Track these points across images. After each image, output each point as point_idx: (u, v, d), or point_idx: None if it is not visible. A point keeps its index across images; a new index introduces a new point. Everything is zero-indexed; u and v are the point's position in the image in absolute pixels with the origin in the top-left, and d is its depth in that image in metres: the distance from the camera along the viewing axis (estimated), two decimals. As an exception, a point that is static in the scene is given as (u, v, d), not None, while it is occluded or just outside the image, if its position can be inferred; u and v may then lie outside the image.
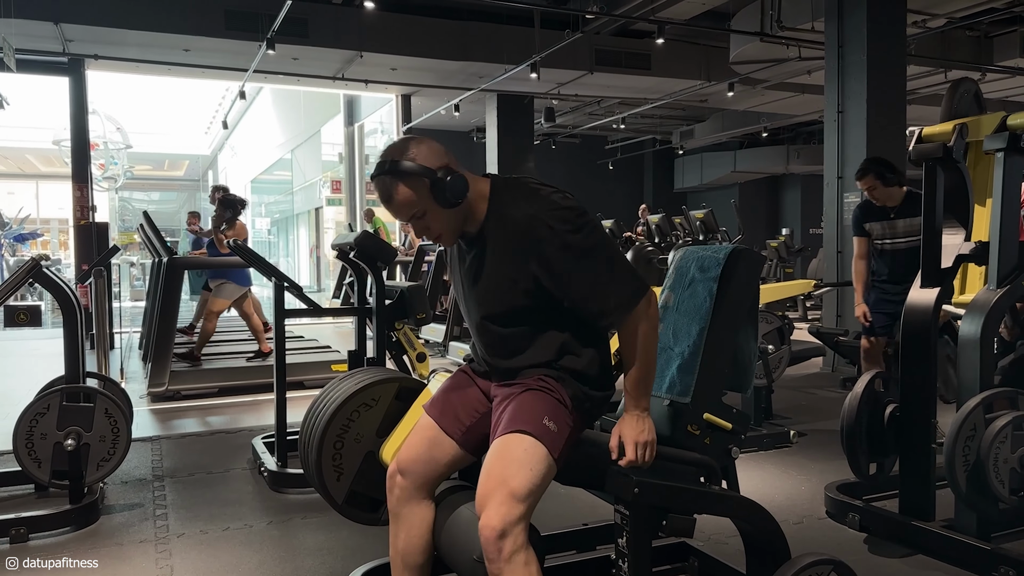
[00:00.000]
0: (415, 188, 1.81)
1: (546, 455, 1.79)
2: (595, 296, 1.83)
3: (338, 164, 18.54)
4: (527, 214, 1.82)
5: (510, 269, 1.86)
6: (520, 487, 1.74)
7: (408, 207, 1.84)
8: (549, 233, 1.80)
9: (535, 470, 1.77)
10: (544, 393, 1.88)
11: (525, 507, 1.74)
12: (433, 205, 1.82)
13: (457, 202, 1.82)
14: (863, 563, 2.81)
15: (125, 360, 7.95)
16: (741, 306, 2.15)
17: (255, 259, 4.03)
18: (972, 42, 10.68)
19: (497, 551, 1.69)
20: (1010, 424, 2.58)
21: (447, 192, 1.80)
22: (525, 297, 1.87)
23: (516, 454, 1.78)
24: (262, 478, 3.85)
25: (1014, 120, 2.83)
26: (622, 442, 1.84)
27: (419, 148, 1.83)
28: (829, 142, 7.22)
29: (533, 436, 1.80)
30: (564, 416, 1.86)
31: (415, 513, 2.01)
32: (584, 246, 1.81)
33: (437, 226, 1.87)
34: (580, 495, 3.24)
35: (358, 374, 2.45)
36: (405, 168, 1.80)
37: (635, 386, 1.87)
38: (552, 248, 1.80)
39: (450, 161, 1.85)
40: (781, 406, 5.36)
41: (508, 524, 1.70)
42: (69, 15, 8.84)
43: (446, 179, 1.80)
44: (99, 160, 26.35)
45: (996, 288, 2.83)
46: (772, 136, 17.80)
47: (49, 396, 3.26)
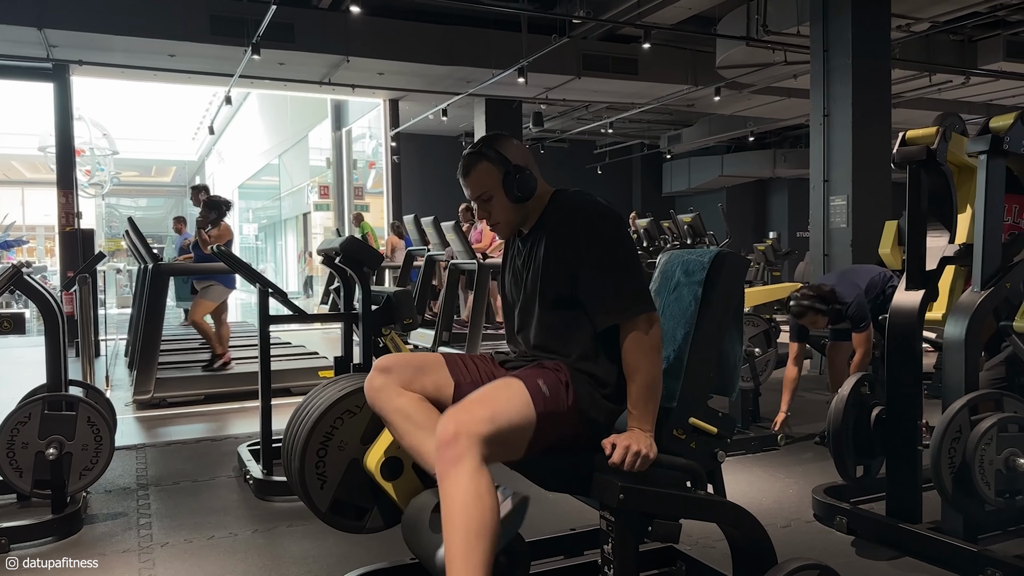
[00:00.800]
0: (490, 173, 2.03)
1: (526, 399, 1.86)
2: (599, 293, 1.93)
3: (326, 169, 18.49)
4: (570, 211, 2.01)
5: (552, 261, 2.01)
6: (487, 410, 1.81)
7: (479, 186, 2.04)
8: (581, 227, 1.97)
9: (510, 403, 1.84)
10: (551, 371, 1.96)
11: (487, 428, 1.77)
12: (500, 193, 2.02)
13: (522, 198, 2.02)
14: (850, 566, 2.81)
15: (111, 367, 7.88)
16: (726, 309, 2.14)
17: (239, 265, 4.00)
18: (956, 46, 10.76)
19: (447, 451, 1.74)
20: (995, 426, 2.59)
21: (515, 186, 2.01)
22: (563, 289, 1.99)
23: (498, 388, 1.89)
24: (248, 486, 3.81)
25: (997, 123, 2.84)
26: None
27: (508, 143, 2.07)
28: (815, 146, 7.26)
29: (523, 384, 1.89)
30: (560, 393, 1.92)
31: (400, 396, 1.98)
32: (605, 246, 1.94)
33: (498, 214, 2.07)
34: (568, 501, 3.23)
35: (342, 380, 2.42)
36: (490, 153, 2.02)
37: (634, 404, 1.91)
38: (580, 239, 1.95)
39: (529, 165, 2.06)
40: (769, 409, 5.36)
41: (461, 431, 1.75)
42: (53, 20, 8.77)
43: (518, 176, 2.00)
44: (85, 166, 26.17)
45: (980, 290, 2.84)
46: (759, 140, 17.88)
47: (31, 404, 3.22)
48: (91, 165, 26.71)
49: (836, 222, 7.05)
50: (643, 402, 1.89)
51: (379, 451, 2.20)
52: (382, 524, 2.33)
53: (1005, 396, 2.72)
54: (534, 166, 2.07)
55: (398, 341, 4.18)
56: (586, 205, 2.01)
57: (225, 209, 6.47)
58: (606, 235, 1.96)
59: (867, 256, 6.71)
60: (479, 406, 1.83)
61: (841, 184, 6.99)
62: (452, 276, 7.97)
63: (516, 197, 2.02)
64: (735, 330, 2.23)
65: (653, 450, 1.85)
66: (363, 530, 2.31)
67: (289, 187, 24.31)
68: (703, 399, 2.10)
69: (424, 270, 8.78)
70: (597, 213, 1.98)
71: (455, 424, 1.77)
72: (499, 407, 1.83)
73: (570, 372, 1.97)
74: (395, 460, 2.19)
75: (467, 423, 1.77)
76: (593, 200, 2.04)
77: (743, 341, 4.44)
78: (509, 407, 1.84)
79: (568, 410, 1.92)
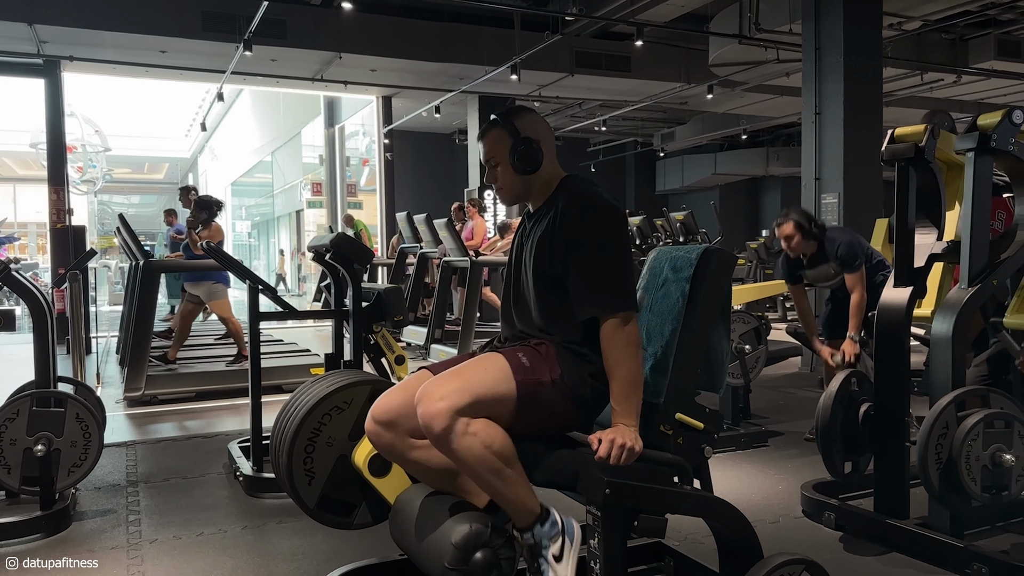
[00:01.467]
0: (501, 140, 2.08)
1: (506, 370, 1.90)
2: (582, 283, 1.95)
3: (319, 166, 18.44)
4: (573, 199, 2.05)
5: (547, 245, 2.03)
6: (464, 380, 1.86)
7: (490, 150, 2.11)
8: (579, 216, 2.00)
9: (487, 372, 1.89)
10: (534, 349, 2.00)
11: (464, 398, 1.81)
12: (506, 161, 2.08)
13: (524, 170, 2.07)
14: (838, 561, 2.82)
15: (102, 365, 7.85)
16: (714, 305, 2.15)
17: (229, 262, 3.99)
18: (947, 44, 10.79)
19: (431, 430, 1.81)
20: (981, 422, 2.60)
21: (518, 157, 2.06)
22: (554, 272, 2.02)
23: (476, 362, 1.95)
24: (238, 483, 3.81)
25: (984, 120, 2.86)
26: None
27: (526, 116, 2.13)
28: (807, 144, 7.28)
29: (502, 356, 1.94)
30: (542, 367, 1.95)
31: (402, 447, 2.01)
32: (597, 239, 1.97)
33: (502, 180, 2.12)
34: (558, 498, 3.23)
35: (330, 377, 2.43)
36: (506, 121, 2.08)
37: (616, 399, 1.92)
38: (575, 227, 1.98)
39: (543, 142, 2.09)
40: (759, 406, 5.39)
41: (439, 407, 1.79)
42: (43, 16, 8.72)
43: (522, 148, 2.05)
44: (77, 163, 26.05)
45: (967, 287, 2.85)
46: (752, 138, 17.93)
47: (19, 401, 3.20)
48: (83, 162, 26.57)
49: (828, 220, 7.06)
50: (625, 397, 1.90)
51: (367, 447, 2.21)
52: (370, 520, 2.34)
53: (992, 392, 2.74)
54: (548, 145, 2.12)
55: (389, 339, 4.18)
56: (589, 196, 2.04)
57: (216, 209, 6.45)
58: (600, 228, 1.98)
59: (858, 254, 6.74)
60: (453, 379, 1.87)
61: (833, 182, 7.01)
62: (445, 273, 7.97)
63: (519, 168, 2.06)
64: (723, 326, 2.23)
65: (638, 444, 1.85)
66: (351, 526, 2.32)
67: (282, 184, 24.24)
68: (690, 395, 2.11)
69: (417, 268, 8.78)
70: (597, 206, 2.01)
71: (431, 401, 1.81)
72: (474, 377, 1.88)
73: (556, 348, 1.99)
74: (382, 456, 2.19)
75: (442, 397, 1.80)
76: (597, 193, 2.07)
77: (731, 337, 4.51)
78: (486, 376, 1.89)
79: (553, 383, 1.94)
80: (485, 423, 1.82)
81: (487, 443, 1.80)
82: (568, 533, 1.97)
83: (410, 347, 8.20)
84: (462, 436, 1.79)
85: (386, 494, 2.18)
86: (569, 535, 1.97)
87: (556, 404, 1.96)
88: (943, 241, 3.12)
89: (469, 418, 1.80)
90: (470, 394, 1.82)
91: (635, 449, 1.84)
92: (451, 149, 17.50)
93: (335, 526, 2.32)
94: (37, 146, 19.13)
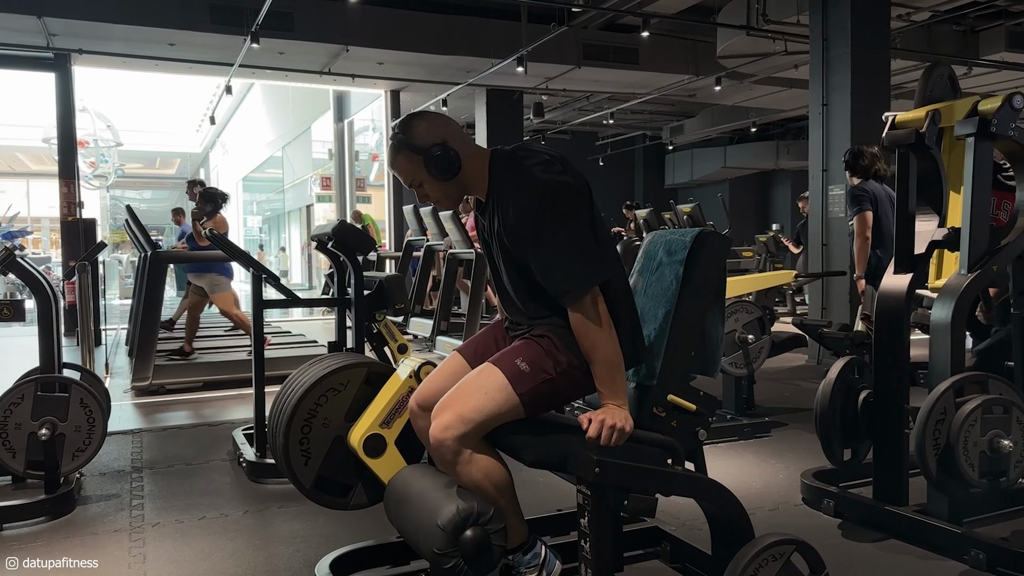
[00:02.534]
0: (411, 161, 2.00)
1: (506, 388, 1.90)
2: (548, 275, 1.91)
3: (328, 161, 18.49)
4: (508, 188, 1.95)
5: (508, 235, 1.98)
6: (467, 408, 1.88)
7: (406, 176, 2.04)
8: (516, 208, 1.91)
9: (488, 395, 1.89)
10: (535, 342, 1.98)
11: (467, 427, 1.87)
12: (428, 177, 2.00)
13: (447, 177, 1.98)
14: (836, 547, 2.82)
15: (112, 356, 7.92)
16: (707, 288, 2.15)
17: (233, 250, 4.02)
18: (958, 36, 10.70)
19: (439, 458, 1.91)
20: (980, 407, 2.59)
21: (435, 168, 1.97)
22: (524, 266, 1.98)
23: (478, 381, 1.93)
24: (241, 469, 3.84)
25: (985, 105, 2.84)
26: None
27: (420, 124, 2.01)
28: (814, 135, 7.24)
29: (500, 370, 1.92)
30: (545, 363, 1.95)
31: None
32: (544, 224, 1.89)
33: (434, 195, 2.05)
34: (557, 484, 3.25)
35: (327, 359, 2.45)
36: (404, 142, 1.99)
37: (601, 381, 1.93)
38: (522, 220, 1.91)
39: (449, 137, 1.99)
40: (764, 397, 5.38)
41: (445, 438, 1.86)
42: (52, 8, 8.77)
43: (437, 155, 1.95)
44: (89, 158, 26.25)
45: (967, 273, 2.84)
46: (762, 132, 17.83)
47: (23, 386, 3.24)
48: (95, 157, 26.78)
49: (835, 212, 7.04)
50: (608, 378, 1.90)
51: (362, 428, 2.22)
52: (366, 501, 2.36)
53: (990, 378, 2.73)
54: (456, 135, 2.01)
55: (392, 328, 4.21)
56: (518, 179, 1.93)
57: (221, 201, 6.48)
58: (535, 217, 1.89)
59: (865, 245, 6.70)
60: (456, 405, 1.90)
61: (840, 174, 6.95)
62: (450, 266, 7.99)
63: (442, 177, 1.98)
64: (717, 310, 2.24)
65: (629, 423, 1.86)
66: (347, 507, 2.34)
67: (292, 179, 24.33)
68: (684, 378, 2.11)
69: (423, 260, 8.79)
70: (532, 191, 1.90)
71: (438, 431, 1.89)
72: (475, 401, 1.89)
73: (558, 333, 1.97)
74: (378, 437, 2.21)
75: (447, 427, 1.88)
76: (526, 170, 1.94)
77: (735, 327, 4.51)
78: (486, 400, 1.89)
79: (559, 373, 1.95)
80: (487, 459, 1.91)
81: (486, 474, 1.90)
82: (547, 568, 2.01)
83: (416, 339, 8.23)
84: (465, 465, 1.89)
85: (381, 474, 2.20)
86: (548, 570, 2.01)
87: (567, 389, 2.00)
88: (944, 228, 3.10)
89: (472, 449, 1.89)
90: (473, 423, 1.88)
91: (625, 429, 1.84)
92: (459, 143, 17.48)
93: (331, 506, 2.34)
94: (50, 141, 19.28)
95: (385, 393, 2.27)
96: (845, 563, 2.68)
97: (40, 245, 29.16)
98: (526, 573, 1.98)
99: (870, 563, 2.70)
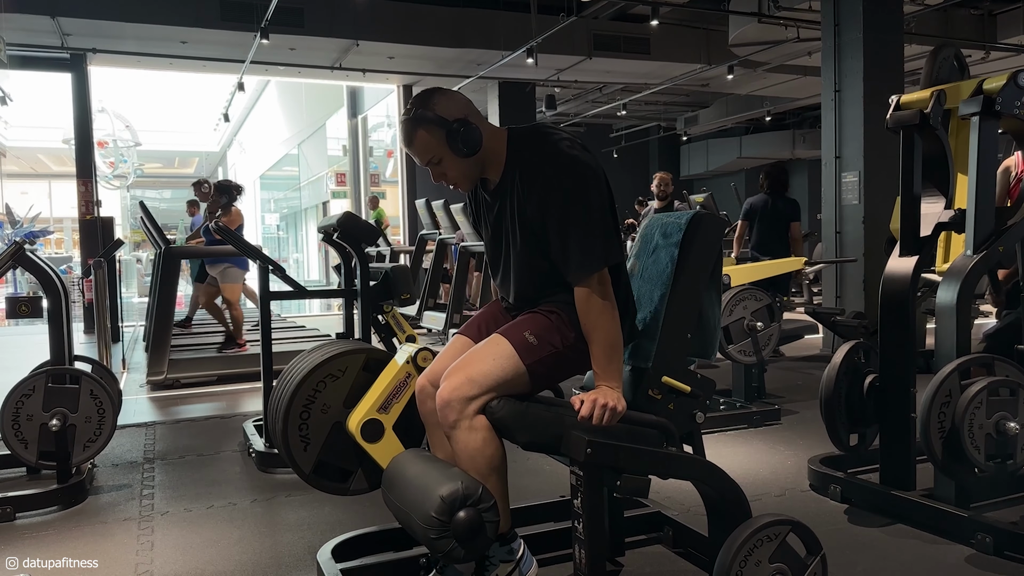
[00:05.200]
0: (432, 135, 1.94)
1: (513, 357, 1.92)
2: (562, 252, 1.92)
3: (343, 157, 18.57)
4: (535, 160, 1.95)
5: (529, 213, 1.97)
6: (476, 373, 1.89)
7: (425, 152, 1.97)
8: (544, 179, 1.92)
9: (497, 362, 1.90)
10: (542, 315, 2.00)
11: (476, 389, 1.88)
12: (448, 153, 1.95)
13: (470, 152, 1.95)
14: (842, 532, 2.81)
15: (129, 352, 8.02)
16: (703, 270, 2.14)
17: (239, 242, 4.05)
18: (974, 19, 10.55)
19: (444, 418, 1.89)
20: (985, 389, 2.56)
21: (460, 142, 1.93)
22: (543, 242, 1.97)
23: (487, 350, 1.94)
24: (251, 459, 3.87)
25: (990, 84, 2.80)
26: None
27: (441, 99, 1.96)
28: (827, 122, 7.17)
29: (508, 340, 1.94)
30: (552, 336, 1.97)
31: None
32: (565, 199, 1.90)
33: (453, 173, 2.01)
34: (560, 472, 3.25)
35: (326, 346, 2.46)
36: (424, 116, 1.94)
37: (597, 362, 1.93)
38: (545, 192, 1.91)
39: (469, 114, 1.97)
40: (775, 385, 5.35)
41: (453, 397, 1.87)
42: (66, 8, 8.87)
43: (460, 130, 1.92)
44: (109, 158, 26.53)
45: (972, 254, 2.80)
46: (777, 121, 17.67)
47: (35, 378, 3.29)
48: (115, 157, 27.06)
49: (848, 199, 6.97)
50: (605, 360, 1.90)
51: (360, 414, 2.24)
52: (367, 486, 2.37)
53: (996, 360, 2.69)
54: (475, 113, 2.00)
55: (400, 319, 4.21)
56: (543, 157, 1.93)
57: (236, 193, 6.52)
58: (563, 189, 1.90)
59: (879, 232, 6.63)
60: (466, 369, 1.91)
61: (853, 160, 6.90)
62: (462, 259, 7.99)
63: (464, 152, 1.94)
64: (713, 292, 2.23)
65: (621, 404, 1.86)
66: (347, 492, 2.36)
67: (308, 176, 24.45)
68: (680, 360, 2.10)
69: (436, 254, 8.80)
70: (558, 163, 1.91)
71: (447, 392, 1.89)
72: (484, 366, 1.90)
73: (566, 311, 1.98)
74: (376, 422, 2.23)
75: (455, 388, 1.88)
76: (552, 143, 1.95)
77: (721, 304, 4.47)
78: (496, 365, 1.91)
79: (566, 347, 1.97)
80: (489, 433, 1.89)
81: (483, 447, 1.89)
82: (523, 566, 2.00)
83: (430, 332, 8.25)
84: (467, 430, 1.88)
85: (379, 459, 2.21)
86: (524, 567, 2.00)
87: (572, 362, 2.01)
88: (951, 210, 3.06)
89: (478, 412, 1.88)
90: (481, 385, 1.88)
91: (618, 409, 1.85)
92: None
93: (331, 492, 2.36)
94: (70, 142, 19.51)
95: (383, 379, 2.28)
96: (851, 547, 2.66)
97: (63, 245, 29.52)
98: (499, 565, 1.96)
99: (876, 547, 2.68)
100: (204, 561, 2.67)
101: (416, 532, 1.88)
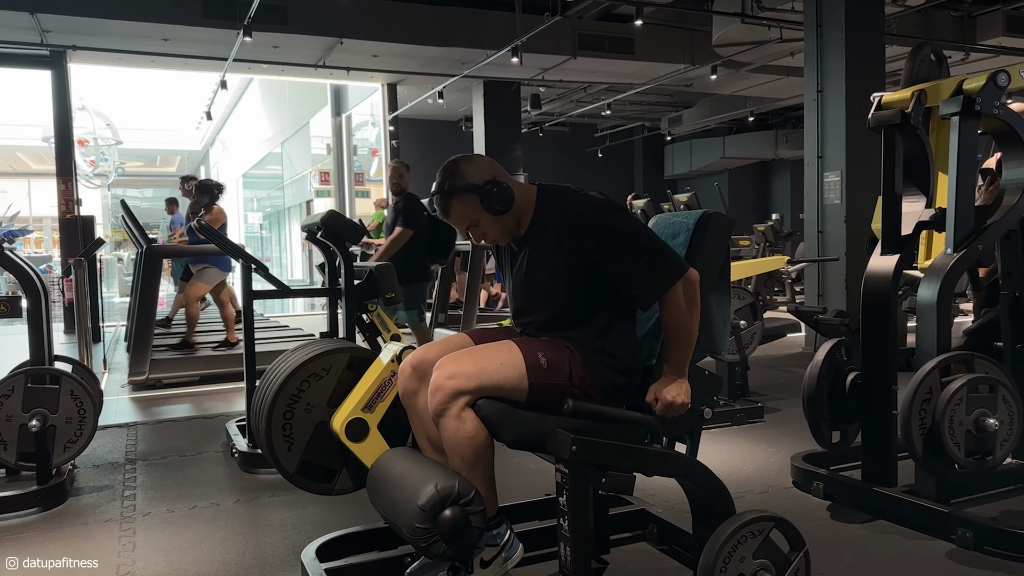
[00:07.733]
0: (467, 203, 2.04)
1: (521, 369, 1.93)
2: (634, 278, 1.96)
3: (326, 156, 18.47)
4: (568, 212, 2.02)
5: (556, 262, 2.03)
6: (478, 368, 1.90)
7: (463, 219, 2.07)
8: (589, 225, 1.97)
9: (503, 368, 1.92)
10: (560, 347, 2.01)
11: (473, 386, 1.88)
12: (484, 215, 2.05)
13: (505, 210, 2.04)
14: (825, 528, 2.83)
15: (111, 352, 7.94)
16: (712, 269, 2.16)
17: (222, 241, 4.02)
18: (954, 21, 10.65)
19: (434, 402, 1.90)
20: (965, 387, 2.59)
21: (495, 202, 2.02)
22: (570, 287, 2.03)
23: (497, 354, 1.95)
24: (234, 459, 3.85)
25: (969, 84, 2.83)
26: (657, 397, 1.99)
27: (467, 166, 2.06)
28: (809, 122, 7.22)
29: (521, 353, 1.95)
30: (563, 367, 1.97)
31: (421, 402, 2.06)
32: (620, 232, 1.97)
33: (492, 232, 2.09)
34: (545, 470, 3.25)
35: (310, 345, 2.45)
36: (456, 186, 2.03)
37: (673, 359, 1.99)
38: (594, 236, 1.97)
39: (496, 173, 2.07)
40: (759, 383, 5.38)
41: (447, 386, 1.88)
42: (45, 4, 8.75)
43: (494, 191, 2.01)
44: (89, 156, 26.23)
45: (952, 252, 2.84)
46: (760, 121, 17.76)
47: (14, 378, 3.25)
48: (95, 155, 26.76)
49: (830, 198, 7.03)
50: (684, 358, 1.99)
51: (344, 413, 2.23)
52: (351, 486, 2.36)
53: (976, 357, 2.72)
54: (502, 172, 2.09)
55: (385, 318, 4.20)
56: (577, 203, 2.02)
57: (217, 192, 6.47)
58: (612, 223, 1.97)
59: (861, 231, 6.69)
60: (469, 362, 1.92)
61: (835, 160, 6.96)
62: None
63: (499, 211, 2.03)
64: (722, 290, 2.25)
65: (687, 394, 1.98)
66: (332, 491, 2.35)
67: (292, 175, 24.31)
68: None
69: (443, 273, 8.76)
70: (592, 207, 2.00)
71: (441, 376, 1.90)
72: (489, 367, 1.91)
73: (583, 352, 2.00)
74: (360, 422, 2.22)
75: (452, 376, 1.89)
76: (582, 194, 2.06)
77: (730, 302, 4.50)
78: (500, 370, 1.92)
79: (571, 385, 1.98)
80: (478, 424, 1.89)
81: (471, 436, 1.89)
82: (508, 550, 2.01)
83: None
84: (454, 419, 1.88)
85: (364, 459, 2.20)
86: (507, 552, 2.01)
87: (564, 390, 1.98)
88: (931, 209, 3.09)
89: (467, 406, 1.88)
90: (478, 383, 1.89)
91: (686, 400, 1.97)
92: (458, 136, 17.45)
93: (315, 491, 2.34)
94: (49, 140, 19.29)
95: (367, 378, 2.27)
96: (833, 544, 2.68)
97: (42, 244, 29.19)
98: (484, 549, 1.97)
99: (858, 543, 2.70)
100: (187, 562, 2.65)
101: (402, 530, 1.88)
